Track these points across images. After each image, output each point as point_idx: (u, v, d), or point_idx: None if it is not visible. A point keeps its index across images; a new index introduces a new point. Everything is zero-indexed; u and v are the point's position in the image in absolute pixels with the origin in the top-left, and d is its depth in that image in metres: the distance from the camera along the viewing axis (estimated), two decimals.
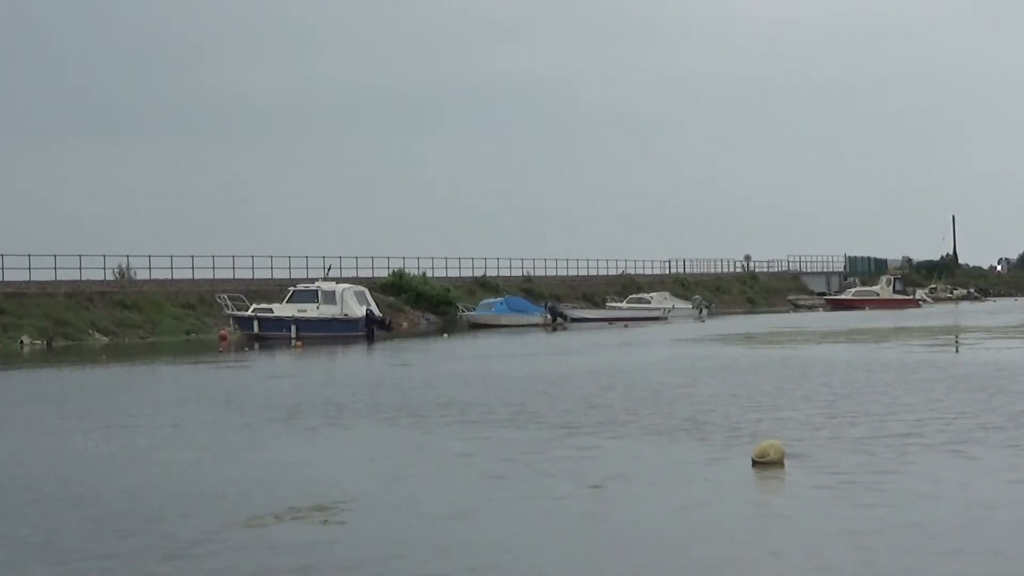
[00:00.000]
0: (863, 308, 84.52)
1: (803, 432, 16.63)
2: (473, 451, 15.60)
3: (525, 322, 63.68)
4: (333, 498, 12.22)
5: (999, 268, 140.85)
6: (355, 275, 67.64)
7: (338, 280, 57.30)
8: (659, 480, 13.26)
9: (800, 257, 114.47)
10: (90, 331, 51.27)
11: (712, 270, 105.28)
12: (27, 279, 54.58)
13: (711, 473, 13.60)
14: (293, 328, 51.58)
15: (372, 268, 72.52)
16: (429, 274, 73.19)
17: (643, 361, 32.55)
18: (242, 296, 55.81)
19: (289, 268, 67.20)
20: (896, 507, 11.46)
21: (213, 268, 64.13)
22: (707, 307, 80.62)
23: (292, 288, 55.58)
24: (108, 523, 11.31)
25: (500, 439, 16.66)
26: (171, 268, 62.77)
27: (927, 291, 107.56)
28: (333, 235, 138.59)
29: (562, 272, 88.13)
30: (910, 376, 25.22)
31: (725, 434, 16.59)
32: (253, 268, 66.46)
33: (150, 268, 62.48)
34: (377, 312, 54.32)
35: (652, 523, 11.17)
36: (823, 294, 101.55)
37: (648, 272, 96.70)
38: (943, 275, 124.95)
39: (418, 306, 67.68)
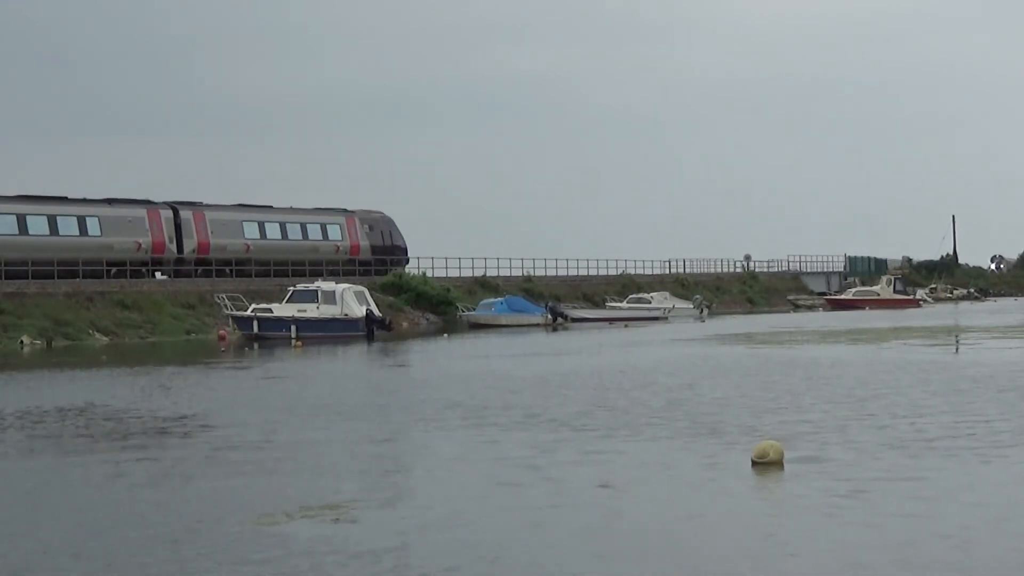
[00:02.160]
0: (863, 308, 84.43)
1: (819, 435, 16.57)
2: (481, 451, 15.56)
3: (525, 322, 63.57)
4: (343, 497, 12.20)
5: (993, 266, 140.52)
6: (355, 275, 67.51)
7: (338, 280, 57.17)
8: (668, 482, 13.22)
9: (800, 257, 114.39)
10: (90, 331, 51.19)
11: (712, 270, 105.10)
12: (27, 279, 54.41)
13: (716, 474, 13.53)
14: (293, 328, 51.49)
15: (372, 268, 72.37)
16: (429, 274, 73.06)
17: (647, 361, 32.47)
18: (240, 296, 55.71)
19: (289, 268, 66.97)
20: (920, 516, 11.40)
21: (212, 268, 63.94)
22: (707, 307, 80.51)
23: (292, 288, 55.49)
24: (119, 524, 11.25)
25: (507, 440, 16.61)
26: (171, 268, 62.58)
27: (927, 291, 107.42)
28: None
29: (562, 272, 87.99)
30: (930, 377, 24.84)
31: (733, 436, 16.52)
32: (252, 268, 66.26)
33: (150, 268, 62.27)
34: (377, 312, 54.24)
35: (666, 525, 11.14)
36: (823, 294, 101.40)
37: (648, 272, 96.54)
38: (943, 275, 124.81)
39: (418, 306, 67.54)
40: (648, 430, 17.19)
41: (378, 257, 71.81)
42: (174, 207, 63.00)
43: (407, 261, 74.19)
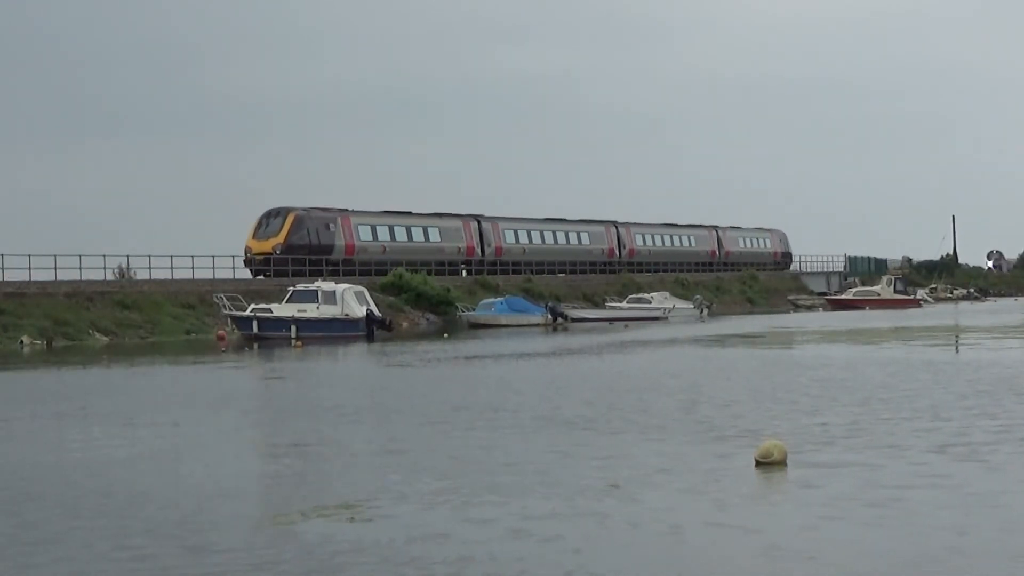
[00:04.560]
0: (864, 308, 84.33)
1: (834, 437, 16.52)
2: (490, 452, 15.48)
3: (525, 322, 63.43)
4: (357, 496, 12.17)
5: (991, 263, 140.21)
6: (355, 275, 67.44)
7: (338, 280, 57.07)
8: (675, 482, 13.15)
9: (800, 257, 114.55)
10: (90, 331, 51.11)
11: (712, 270, 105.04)
12: (27, 279, 54.39)
13: (722, 475, 13.44)
14: (293, 328, 51.40)
15: (372, 268, 72.29)
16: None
17: (649, 362, 32.40)
18: (239, 296, 55.62)
19: (289, 268, 66.95)
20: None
21: (213, 268, 63.90)
22: (707, 307, 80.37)
23: (292, 288, 55.41)
24: (136, 524, 11.19)
25: (517, 440, 16.55)
26: (171, 268, 62.56)
27: (927, 291, 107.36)
28: None
29: (562, 272, 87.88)
30: (950, 378, 24.43)
31: (746, 438, 16.42)
32: (253, 268, 66.21)
33: (150, 268, 62.24)
34: (377, 312, 54.16)
35: (668, 525, 11.07)
36: (823, 294, 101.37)
37: (648, 272, 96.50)
38: (943, 275, 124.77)
39: (418, 306, 67.45)
40: (657, 431, 17.12)
41: (783, 261, 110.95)
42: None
43: (791, 263, 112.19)
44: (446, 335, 53.98)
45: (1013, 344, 37.73)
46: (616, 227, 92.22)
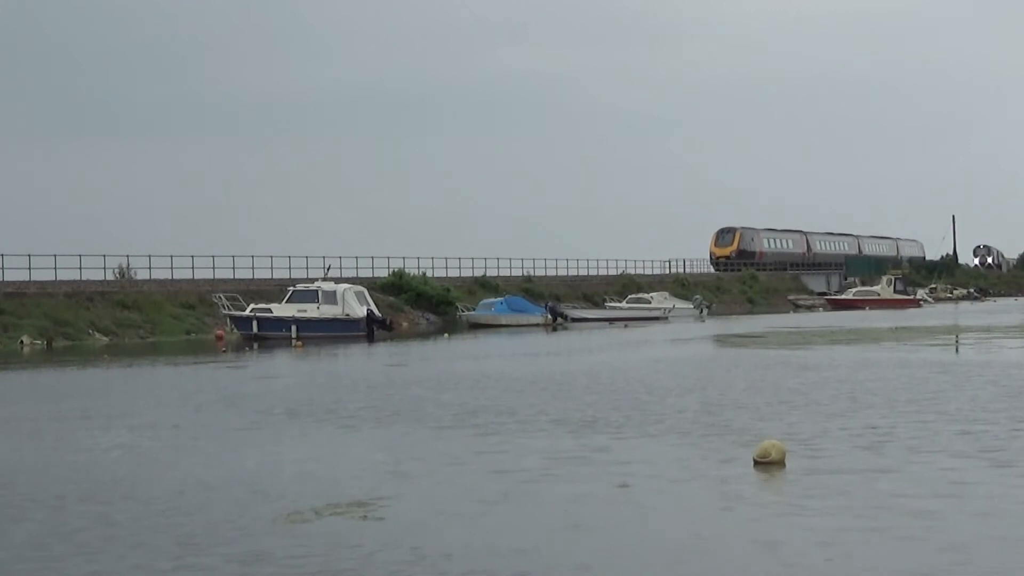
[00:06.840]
0: (864, 308, 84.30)
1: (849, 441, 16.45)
2: (497, 453, 15.41)
3: (525, 322, 63.44)
4: (369, 495, 12.13)
5: (977, 260, 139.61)
6: (355, 275, 67.45)
7: (338, 280, 57.12)
8: (682, 483, 13.11)
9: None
10: (90, 331, 51.11)
11: (712, 270, 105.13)
12: (27, 279, 54.40)
13: (729, 475, 13.38)
14: (293, 328, 51.40)
15: (372, 268, 72.35)
16: (429, 274, 72.94)
17: (651, 363, 32.30)
18: (238, 296, 55.62)
19: (289, 268, 67.03)
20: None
21: (213, 268, 63.90)
22: (707, 307, 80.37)
23: (291, 288, 55.38)
24: (148, 524, 11.12)
25: (522, 439, 16.47)
26: (171, 268, 62.52)
27: (927, 291, 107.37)
28: (333, 235, 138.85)
29: (562, 272, 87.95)
30: (969, 380, 23.91)
31: (755, 439, 16.35)
32: (253, 268, 66.25)
33: (150, 268, 62.26)
34: (377, 312, 54.16)
35: (672, 525, 11.06)
36: (823, 294, 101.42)
37: (648, 272, 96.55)
38: (943, 275, 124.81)
39: (418, 306, 67.46)
40: (664, 433, 17.04)
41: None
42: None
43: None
44: (446, 335, 53.95)
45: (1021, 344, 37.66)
46: (857, 240, 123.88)
